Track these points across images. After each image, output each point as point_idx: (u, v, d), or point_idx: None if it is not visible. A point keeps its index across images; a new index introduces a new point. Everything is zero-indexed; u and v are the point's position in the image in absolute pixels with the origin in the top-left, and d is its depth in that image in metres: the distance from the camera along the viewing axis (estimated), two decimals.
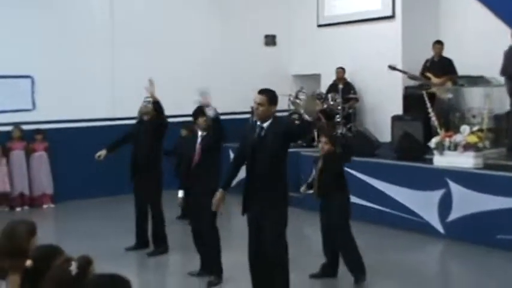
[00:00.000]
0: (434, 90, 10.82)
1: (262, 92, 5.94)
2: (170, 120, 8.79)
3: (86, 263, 3.06)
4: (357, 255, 6.86)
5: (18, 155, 11.15)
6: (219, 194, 6.02)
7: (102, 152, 8.46)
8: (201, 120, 7.12)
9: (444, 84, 10.95)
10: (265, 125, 5.87)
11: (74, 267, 3.00)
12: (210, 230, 6.98)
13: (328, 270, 7.04)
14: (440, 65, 11.24)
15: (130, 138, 8.50)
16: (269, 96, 5.92)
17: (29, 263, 3.30)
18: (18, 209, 11.09)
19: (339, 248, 6.92)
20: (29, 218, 9.68)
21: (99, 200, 11.62)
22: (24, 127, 11.26)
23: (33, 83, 11.48)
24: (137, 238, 8.41)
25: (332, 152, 6.97)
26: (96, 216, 10.71)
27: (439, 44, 11.46)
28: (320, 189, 6.94)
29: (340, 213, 6.85)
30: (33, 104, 11.52)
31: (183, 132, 10.20)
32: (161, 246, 8.25)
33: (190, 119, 7.61)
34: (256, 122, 5.97)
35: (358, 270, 6.83)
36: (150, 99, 8.24)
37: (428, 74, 11.18)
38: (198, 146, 7.04)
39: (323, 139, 7.05)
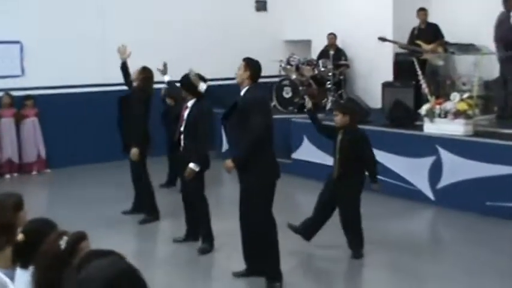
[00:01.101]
0: (427, 57, 10.74)
1: (244, 59, 6.07)
2: (159, 86, 8.66)
3: (77, 238, 2.97)
4: (361, 232, 6.78)
5: (7, 122, 10.99)
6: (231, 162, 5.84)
7: None
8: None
9: (436, 50, 10.88)
10: (242, 92, 5.80)
11: (63, 242, 2.94)
12: (199, 197, 7.00)
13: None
14: (428, 32, 11.19)
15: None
16: (247, 61, 6.01)
17: (20, 237, 3.22)
18: (7, 175, 10.97)
19: (347, 223, 6.73)
20: (20, 185, 9.78)
21: (93, 166, 11.54)
22: (14, 93, 11.09)
23: (22, 48, 11.29)
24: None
25: (348, 124, 6.58)
26: (89, 182, 10.65)
27: (423, 10, 11.40)
28: (340, 170, 6.60)
29: (356, 193, 6.67)
30: (22, 69, 11.34)
31: (168, 101, 9.90)
32: (152, 213, 8.24)
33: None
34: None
35: (359, 246, 6.76)
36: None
37: (419, 42, 11.09)
38: (185, 114, 6.91)
39: (334, 112, 6.69)
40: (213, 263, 6.86)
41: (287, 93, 12.16)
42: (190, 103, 6.97)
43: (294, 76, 12.38)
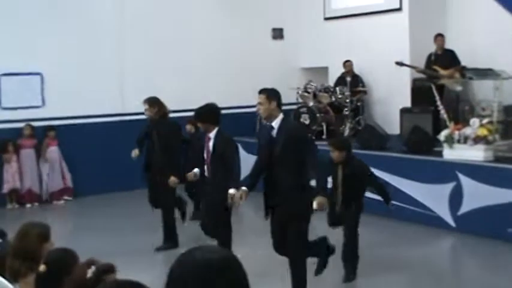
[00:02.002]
0: (444, 82, 10.73)
1: (260, 91, 5.96)
2: (178, 115, 8.69)
3: (105, 269, 2.99)
4: (356, 253, 6.85)
5: (28, 153, 11.13)
6: (242, 191, 5.90)
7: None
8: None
9: (453, 75, 10.87)
10: (274, 124, 5.81)
11: (90, 271, 2.95)
12: (223, 226, 6.87)
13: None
14: (445, 58, 11.20)
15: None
16: (266, 93, 5.91)
17: (42, 268, 3.24)
18: (28, 205, 11.06)
19: (346, 241, 6.84)
20: (41, 214, 9.80)
21: (113, 195, 11.56)
22: (35, 123, 11.24)
23: (42, 79, 11.45)
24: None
25: (346, 159, 6.69)
26: (112, 211, 10.68)
27: (441, 36, 11.42)
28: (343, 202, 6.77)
29: (357, 220, 6.84)
30: (43, 100, 11.49)
31: (188, 127, 9.92)
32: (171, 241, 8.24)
33: None
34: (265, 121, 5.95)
35: (352, 266, 6.81)
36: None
37: (436, 67, 11.10)
38: (210, 145, 6.87)
39: (330, 147, 6.76)
40: None
41: (305, 120, 12.16)
42: (212, 134, 6.86)
43: (311, 103, 12.39)
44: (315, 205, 5.63)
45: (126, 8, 12.26)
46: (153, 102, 8.20)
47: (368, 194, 9.55)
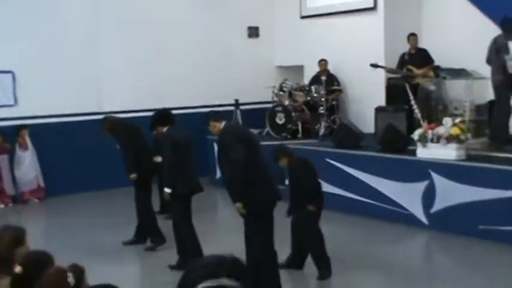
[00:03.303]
0: (419, 81, 10.88)
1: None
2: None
3: (79, 272, 3.06)
4: (323, 251, 6.96)
5: (1, 159, 11.10)
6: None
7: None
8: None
9: (427, 74, 11.02)
10: None
11: (71, 279, 3.00)
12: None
13: (294, 262, 7.15)
14: (418, 57, 11.36)
15: None
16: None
17: (18, 269, 3.28)
18: (1, 206, 11.00)
19: (307, 243, 7.03)
20: (15, 215, 9.77)
21: (87, 195, 11.56)
22: (7, 123, 11.18)
23: (14, 78, 11.38)
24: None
25: (289, 163, 6.97)
26: (84, 210, 10.69)
27: (413, 36, 11.59)
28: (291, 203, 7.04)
29: (311, 219, 6.97)
30: (15, 99, 11.43)
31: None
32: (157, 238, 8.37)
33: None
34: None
35: (323, 266, 6.93)
36: None
37: (410, 67, 11.25)
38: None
39: (278, 159, 7.01)
40: None
41: (280, 119, 12.25)
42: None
43: (286, 102, 12.47)
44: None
45: (101, 4, 12.22)
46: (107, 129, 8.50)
47: (343, 192, 9.79)
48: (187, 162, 7.22)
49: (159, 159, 8.09)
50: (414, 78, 10.95)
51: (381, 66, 10.80)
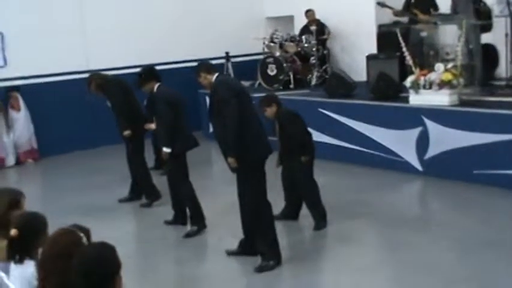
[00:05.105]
0: (422, 27, 10.66)
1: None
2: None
3: (87, 233, 3.09)
4: (318, 200, 6.99)
5: None
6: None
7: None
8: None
9: (429, 21, 10.78)
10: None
11: (84, 240, 3.03)
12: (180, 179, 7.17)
13: (289, 213, 7.21)
14: (425, 2, 11.09)
15: None
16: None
17: (13, 232, 3.26)
18: None
19: (302, 193, 7.05)
20: (12, 177, 9.80)
21: (82, 153, 11.65)
22: None
23: (3, 39, 11.24)
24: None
25: (277, 112, 6.85)
26: (79, 170, 10.73)
27: None
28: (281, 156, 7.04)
29: (304, 170, 6.96)
30: (5, 60, 11.29)
31: None
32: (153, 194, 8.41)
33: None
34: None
35: (319, 216, 6.97)
36: None
37: (415, 11, 10.99)
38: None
39: (262, 109, 6.84)
40: (204, 244, 6.95)
41: (272, 70, 12.19)
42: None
43: (278, 53, 12.40)
44: None
45: None
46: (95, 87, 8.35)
47: (336, 142, 9.79)
48: (182, 119, 7.17)
49: (152, 126, 7.90)
50: (418, 22, 10.72)
51: (388, 6, 10.57)
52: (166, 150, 7.00)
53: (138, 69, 8.12)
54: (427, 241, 6.49)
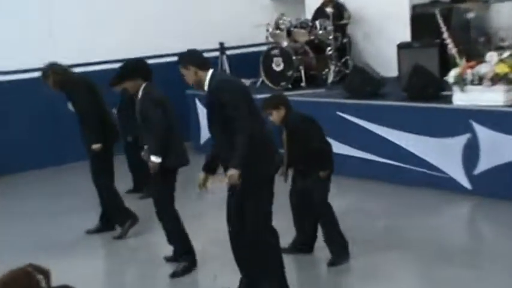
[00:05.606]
0: (469, 6, 10.58)
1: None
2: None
3: (46, 275, 3.09)
4: (337, 228, 6.95)
5: None
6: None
7: None
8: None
9: None
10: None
11: (44, 284, 3.06)
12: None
13: (301, 245, 7.20)
14: None
15: None
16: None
17: None
18: None
19: (318, 219, 7.00)
20: None
21: (42, 172, 11.81)
22: None
23: None
24: None
25: (285, 116, 6.78)
26: (31, 192, 10.77)
27: None
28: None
29: (321, 189, 6.90)
30: None
31: None
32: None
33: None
34: None
35: (338, 247, 6.93)
36: None
37: None
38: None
39: (266, 111, 6.77)
40: (195, 285, 6.98)
41: (278, 65, 12.17)
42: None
43: (285, 43, 12.37)
44: None
45: None
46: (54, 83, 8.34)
47: (360, 154, 9.72)
48: (176, 127, 7.09)
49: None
50: (463, 1, 10.67)
51: None
52: (155, 160, 6.77)
53: (116, 64, 8.16)
54: (475, 278, 6.42)
